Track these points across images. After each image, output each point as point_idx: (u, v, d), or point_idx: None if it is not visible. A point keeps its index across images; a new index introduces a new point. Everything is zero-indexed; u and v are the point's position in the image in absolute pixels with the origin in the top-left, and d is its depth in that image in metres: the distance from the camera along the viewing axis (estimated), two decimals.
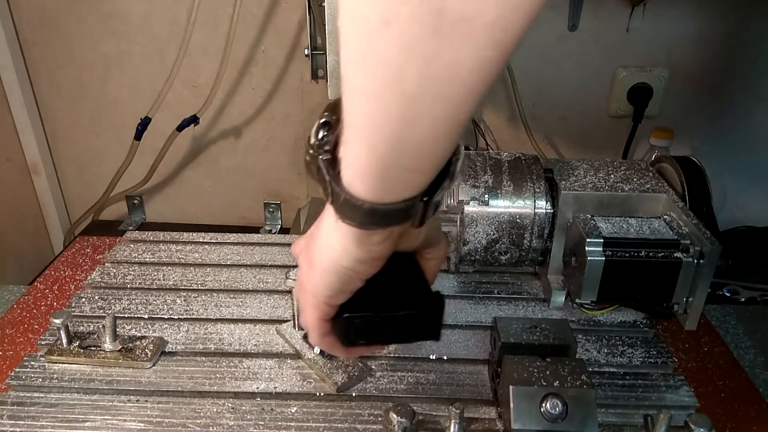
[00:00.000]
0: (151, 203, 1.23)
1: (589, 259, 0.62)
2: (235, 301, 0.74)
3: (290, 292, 0.65)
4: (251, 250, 0.86)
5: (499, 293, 0.77)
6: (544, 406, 0.51)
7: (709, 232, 0.62)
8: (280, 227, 1.22)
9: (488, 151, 1.09)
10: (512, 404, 0.52)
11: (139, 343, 0.65)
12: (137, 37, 1.07)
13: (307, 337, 0.65)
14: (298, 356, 0.65)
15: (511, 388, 0.52)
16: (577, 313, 0.72)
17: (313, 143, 0.39)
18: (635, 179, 0.71)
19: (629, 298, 0.67)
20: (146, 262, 0.82)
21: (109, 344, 0.63)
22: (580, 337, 0.68)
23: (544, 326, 0.59)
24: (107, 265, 0.81)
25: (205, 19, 1.01)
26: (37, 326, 0.71)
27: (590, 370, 0.58)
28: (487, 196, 0.70)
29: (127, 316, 0.71)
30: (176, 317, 0.71)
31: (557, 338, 0.58)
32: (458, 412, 0.52)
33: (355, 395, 0.61)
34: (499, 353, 0.57)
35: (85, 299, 0.74)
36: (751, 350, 0.74)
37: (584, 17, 1.03)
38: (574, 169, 0.73)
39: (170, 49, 1.04)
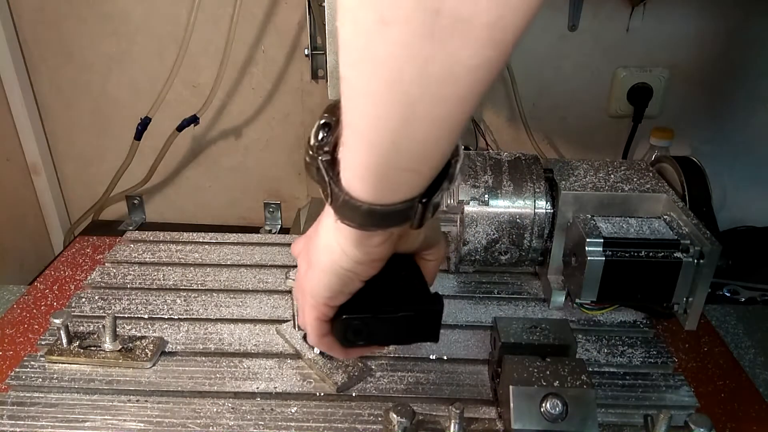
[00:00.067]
0: (151, 203, 1.23)
1: (589, 259, 0.62)
2: (235, 301, 0.74)
3: (290, 292, 0.65)
4: (251, 250, 0.86)
5: (499, 293, 0.77)
6: (544, 406, 0.51)
7: (709, 232, 0.62)
8: (280, 227, 1.22)
9: (488, 151, 1.09)
10: (512, 404, 0.52)
11: (139, 343, 0.65)
12: (137, 37, 1.07)
13: (306, 337, 0.65)
14: (298, 356, 0.65)
15: (511, 388, 0.52)
16: (577, 313, 0.72)
17: (312, 144, 0.39)
18: (635, 179, 0.71)
19: (629, 298, 0.67)
20: (146, 262, 0.82)
21: (109, 344, 0.63)
22: (580, 337, 0.68)
23: (544, 326, 0.59)
24: (107, 265, 0.81)
25: (205, 19, 1.01)
26: (37, 326, 0.71)
27: (590, 370, 0.58)
28: (487, 196, 0.70)
29: (127, 316, 0.71)
30: (176, 317, 0.71)
31: (557, 338, 0.58)
32: (458, 412, 0.52)
33: (355, 395, 0.61)
34: (499, 353, 0.57)
35: (85, 299, 0.74)
36: (751, 350, 0.74)
37: (584, 17, 1.03)
38: (574, 169, 0.73)
39: (170, 49, 1.04)
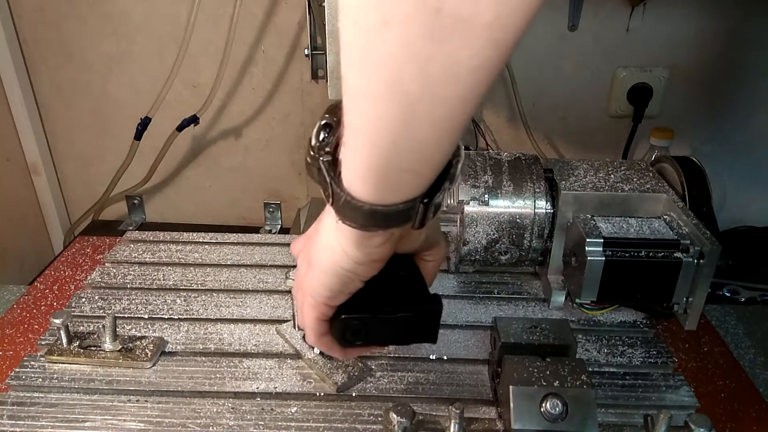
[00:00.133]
0: (151, 203, 1.23)
1: (589, 259, 0.62)
2: (235, 301, 0.74)
3: (290, 292, 0.65)
4: (251, 250, 0.86)
5: (499, 293, 0.77)
6: (544, 406, 0.51)
7: (709, 232, 0.62)
8: (280, 227, 1.22)
9: (488, 151, 1.09)
10: (512, 404, 0.52)
11: (139, 343, 0.65)
12: (137, 37, 1.07)
13: (305, 336, 0.65)
14: (298, 356, 0.65)
15: (511, 388, 0.52)
16: (577, 313, 0.72)
17: (314, 145, 0.39)
18: (635, 179, 0.71)
19: (629, 298, 0.67)
20: (146, 262, 0.82)
21: (109, 344, 0.63)
22: (580, 337, 0.68)
23: (544, 326, 0.59)
24: (107, 265, 0.81)
25: (205, 19, 1.01)
26: (37, 326, 0.71)
27: (590, 370, 0.58)
28: (487, 196, 0.70)
29: (127, 316, 0.71)
30: (176, 317, 0.71)
31: (557, 338, 0.58)
32: (458, 412, 0.52)
33: (355, 395, 0.61)
34: (499, 353, 0.57)
35: (85, 299, 0.74)
36: (751, 350, 0.74)
37: (584, 17, 1.03)
38: (574, 169, 0.73)
39: (170, 49, 1.04)
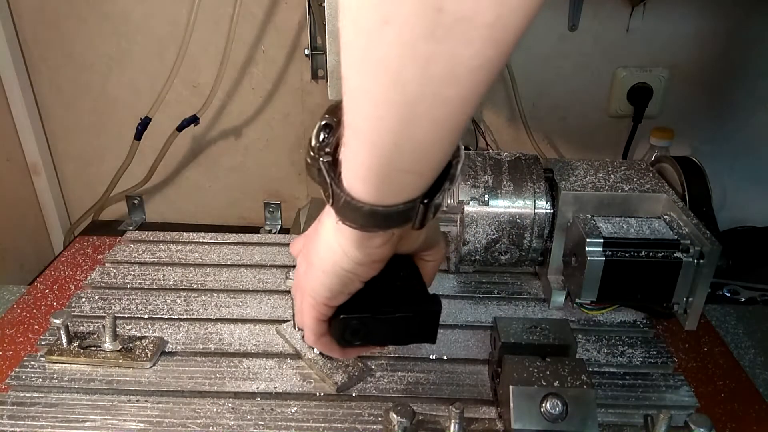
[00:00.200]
0: (151, 203, 1.23)
1: (589, 259, 0.62)
2: (235, 301, 0.74)
3: (290, 292, 0.65)
4: (251, 250, 0.86)
5: (499, 293, 0.77)
6: (544, 406, 0.51)
7: (709, 232, 0.62)
8: (280, 227, 1.22)
9: (488, 151, 1.09)
10: (512, 404, 0.52)
11: (139, 343, 0.65)
12: (137, 37, 1.07)
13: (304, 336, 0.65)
14: (298, 356, 0.65)
15: (511, 388, 0.52)
16: (577, 313, 0.72)
17: (314, 145, 0.39)
18: (635, 179, 0.71)
19: (629, 298, 0.67)
20: (146, 262, 0.82)
21: (109, 344, 0.63)
22: (580, 337, 0.68)
23: (544, 326, 0.59)
24: (107, 265, 0.81)
25: (205, 19, 1.01)
26: (37, 326, 0.71)
27: (590, 370, 0.58)
28: (487, 196, 0.70)
29: (127, 316, 0.71)
30: (176, 317, 0.71)
31: (557, 338, 0.58)
32: (458, 412, 0.52)
33: (355, 395, 0.61)
34: (499, 353, 0.57)
35: (85, 299, 0.74)
36: (751, 350, 0.74)
37: (584, 17, 1.03)
38: (574, 169, 0.73)
39: (170, 49, 1.04)
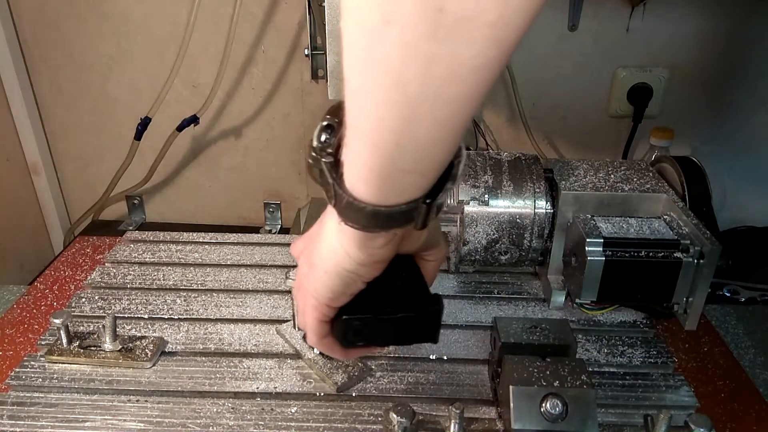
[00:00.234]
0: (151, 203, 1.23)
1: (589, 259, 0.62)
2: (235, 301, 0.74)
3: (290, 292, 0.65)
4: (251, 250, 0.86)
5: (499, 293, 0.77)
6: (544, 406, 0.51)
7: (709, 232, 0.62)
8: (280, 227, 1.22)
9: (488, 151, 1.09)
10: (512, 404, 0.52)
11: (139, 343, 0.65)
12: (137, 37, 1.07)
13: (306, 337, 0.65)
14: (298, 356, 0.65)
15: (511, 388, 0.52)
16: (577, 313, 0.72)
17: (315, 146, 0.39)
18: (635, 179, 0.71)
19: (629, 298, 0.67)
20: (146, 262, 0.82)
21: (109, 344, 0.63)
22: (580, 337, 0.68)
23: (544, 326, 0.59)
24: (107, 265, 0.81)
25: (205, 19, 1.01)
26: (37, 326, 0.71)
27: (590, 370, 0.58)
28: (487, 196, 0.70)
29: (127, 316, 0.71)
30: (176, 317, 0.71)
31: (557, 338, 0.58)
32: (458, 412, 0.52)
33: (355, 395, 0.61)
34: (499, 353, 0.57)
35: (85, 299, 0.74)
36: (751, 350, 0.74)
37: (584, 17, 1.03)
38: (574, 169, 0.73)
39: (170, 49, 1.04)
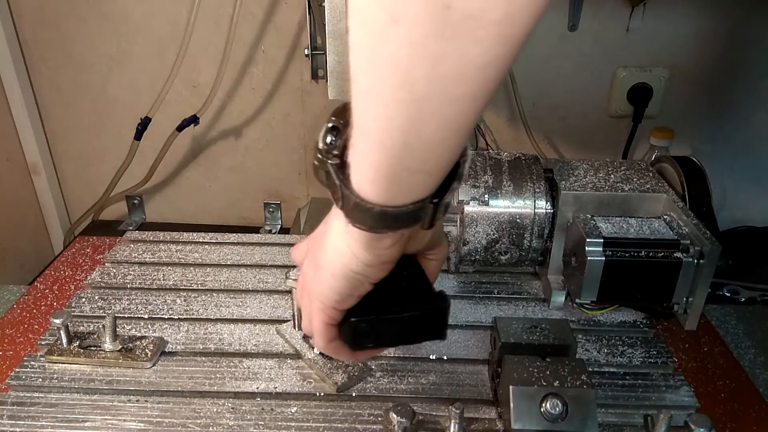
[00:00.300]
0: (151, 203, 1.23)
1: (589, 259, 0.62)
2: (235, 301, 0.74)
3: (290, 292, 0.65)
4: (251, 250, 0.86)
5: (499, 293, 0.77)
6: (544, 406, 0.51)
7: (709, 232, 0.62)
8: (280, 227, 1.22)
9: (488, 151, 1.08)
10: (512, 404, 0.52)
11: (139, 343, 0.65)
12: (137, 37, 1.07)
13: (307, 337, 0.65)
14: (298, 356, 0.65)
15: (511, 388, 0.52)
16: (577, 313, 0.72)
17: (321, 148, 0.39)
18: (635, 179, 0.71)
19: (629, 298, 0.67)
20: (146, 262, 0.82)
21: (109, 344, 0.63)
22: (580, 337, 0.68)
23: (544, 326, 0.59)
24: (107, 265, 0.81)
25: (205, 19, 1.01)
26: (37, 326, 0.71)
27: (590, 370, 0.58)
28: (487, 196, 0.70)
29: (127, 316, 0.71)
30: (176, 317, 0.71)
31: (557, 338, 0.58)
32: (458, 412, 0.52)
33: (355, 395, 0.61)
34: (499, 353, 0.57)
35: (85, 299, 0.74)
36: (751, 350, 0.74)
37: (584, 17, 1.03)
38: (574, 169, 0.73)
39: (170, 49, 1.04)
